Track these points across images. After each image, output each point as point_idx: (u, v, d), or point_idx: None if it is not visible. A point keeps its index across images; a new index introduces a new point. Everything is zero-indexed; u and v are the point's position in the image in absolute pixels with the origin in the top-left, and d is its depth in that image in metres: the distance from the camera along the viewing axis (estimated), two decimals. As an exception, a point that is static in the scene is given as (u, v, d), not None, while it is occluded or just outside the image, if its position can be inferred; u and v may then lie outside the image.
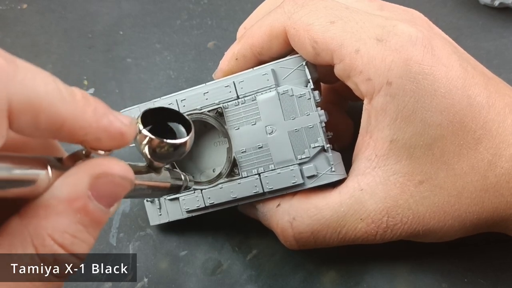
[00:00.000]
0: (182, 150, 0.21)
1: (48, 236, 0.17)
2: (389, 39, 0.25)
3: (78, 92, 0.17)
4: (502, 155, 0.25)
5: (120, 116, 0.18)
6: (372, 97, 0.26)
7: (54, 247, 0.17)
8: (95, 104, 0.18)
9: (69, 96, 0.17)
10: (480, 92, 0.25)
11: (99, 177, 0.17)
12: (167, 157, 0.21)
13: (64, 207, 0.17)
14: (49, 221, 0.17)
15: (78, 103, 0.17)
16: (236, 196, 0.29)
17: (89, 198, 0.17)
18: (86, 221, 0.17)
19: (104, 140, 0.18)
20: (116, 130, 0.18)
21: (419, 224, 0.26)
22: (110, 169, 0.18)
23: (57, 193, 0.17)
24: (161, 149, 0.20)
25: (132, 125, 0.19)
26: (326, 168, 0.28)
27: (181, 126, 0.22)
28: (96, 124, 0.17)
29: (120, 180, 0.18)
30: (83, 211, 0.17)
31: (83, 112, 0.17)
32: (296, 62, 0.28)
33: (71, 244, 0.17)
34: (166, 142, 0.20)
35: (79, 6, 0.44)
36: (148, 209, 0.32)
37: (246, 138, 0.29)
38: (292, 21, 0.27)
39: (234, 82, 0.29)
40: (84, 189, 0.17)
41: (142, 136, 0.20)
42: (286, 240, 0.29)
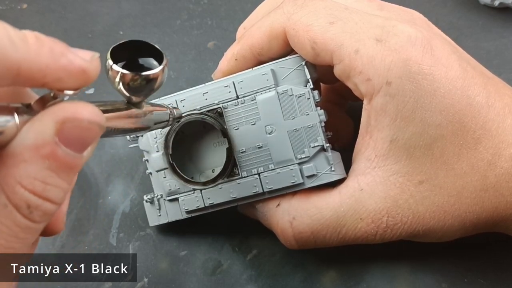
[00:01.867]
0: (155, 82, 0.21)
1: (18, 184, 0.17)
2: (388, 39, 0.25)
3: (31, 35, 0.17)
4: (502, 155, 0.25)
5: (80, 52, 0.18)
6: (371, 97, 0.26)
7: (24, 194, 0.17)
8: (51, 44, 0.17)
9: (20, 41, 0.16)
10: (479, 92, 0.25)
11: (64, 122, 0.17)
12: (142, 89, 0.20)
13: (31, 154, 0.17)
14: (17, 169, 0.17)
15: (31, 46, 0.16)
16: (236, 196, 0.29)
17: (56, 144, 0.17)
18: (56, 167, 0.17)
19: (66, 80, 0.17)
20: (77, 67, 0.17)
21: (419, 224, 0.26)
22: (76, 113, 0.17)
23: (24, 140, 0.17)
24: (134, 83, 0.20)
25: (94, 60, 0.18)
26: (326, 168, 0.28)
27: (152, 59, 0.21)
28: (54, 65, 0.17)
29: (88, 124, 0.18)
30: (51, 157, 0.17)
31: (37, 54, 0.16)
32: (296, 62, 0.28)
33: (43, 190, 0.17)
34: (139, 75, 0.20)
35: (79, 6, 0.44)
36: (148, 209, 0.32)
37: (245, 138, 0.29)
38: (292, 21, 0.27)
39: (234, 82, 0.29)
40: (50, 135, 0.17)
41: (114, 72, 0.20)
42: (286, 240, 0.29)
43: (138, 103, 0.22)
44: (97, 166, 0.37)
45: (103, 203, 0.35)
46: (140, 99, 0.22)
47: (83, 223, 0.35)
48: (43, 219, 0.18)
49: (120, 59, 0.20)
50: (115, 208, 0.35)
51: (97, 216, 0.35)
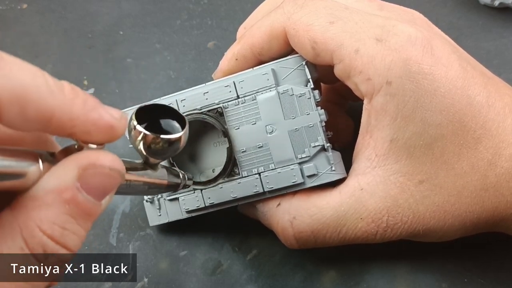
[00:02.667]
0: (176, 146, 0.21)
1: (37, 227, 0.17)
2: (388, 39, 0.25)
3: (67, 85, 0.17)
4: (502, 154, 0.25)
5: (110, 109, 0.18)
6: (372, 97, 0.26)
7: (43, 238, 0.17)
8: (84, 97, 0.18)
9: (57, 89, 0.17)
10: (479, 91, 0.25)
11: (87, 168, 0.17)
12: (162, 153, 0.21)
13: (52, 198, 0.17)
14: (37, 212, 0.17)
15: (66, 96, 0.17)
16: (236, 195, 0.29)
17: (77, 190, 0.17)
18: (75, 213, 0.17)
19: (93, 133, 0.18)
20: (106, 123, 0.18)
21: (419, 223, 0.26)
22: (98, 160, 0.18)
23: (46, 184, 0.17)
24: (155, 145, 0.21)
25: (122, 119, 0.19)
26: (326, 167, 0.28)
27: (175, 122, 0.22)
28: (84, 117, 0.17)
29: (109, 171, 0.18)
30: (72, 202, 0.17)
31: (71, 104, 0.17)
32: (296, 62, 0.28)
33: (61, 236, 0.17)
34: (161, 138, 0.20)
35: (79, 6, 0.44)
36: (148, 209, 0.32)
37: (246, 137, 0.29)
38: (292, 21, 0.27)
39: (234, 82, 0.29)
40: (72, 180, 0.17)
41: (136, 132, 0.20)
42: (286, 240, 0.29)
43: (154, 165, 0.23)
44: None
45: (103, 203, 0.35)
46: (157, 161, 0.22)
47: (83, 223, 0.35)
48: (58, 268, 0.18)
49: (143, 120, 0.21)
50: (115, 208, 0.35)
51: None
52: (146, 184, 0.23)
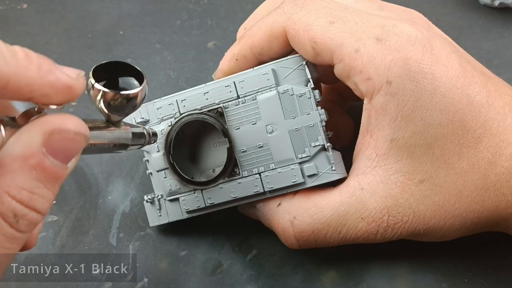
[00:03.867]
0: (135, 101, 0.21)
1: (5, 193, 0.17)
2: (388, 38, 0.25)
3: (20, 50, 0.17)
4: (502, 153, 0.25)
5: (66, 69, 0.18)
6: (372, 97, 0.26)
7: (12, 203, 0.17)
8: (39, 60, 0.17)
9: (10, 55, 0.17)
10: (479, 91, 0.25)
11: (52, 133, 0.17)
12: (122, 109, 0.21)
13: (19, 164, 0.17)
14: (4, 179, 0.17)
15: (20, 61, 0.17)
16: (237, 196, 0.29)
17: (44, 155, 0.17)
18: (43, 177, 0.18)
19: (52, 96, 0.18)
20: (63, 84, 0.18)
21: (419, 223, 0.26)
22: (63, 125, 0.18)
23: (11, 151, 0.17)
24: (115, 102, 0.21)
25: (80, 78, 0.19)
26: (327, 167, 0.28)
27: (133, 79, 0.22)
28: (41, 81, 0.17)
29: (74, 135, 0.18)
30: (39, 168, 0.17)
31: (26, 69, 0.17)
32: (296, 62, 0.28)
33: (30, 200, 0.17)
34: (120, 94, 0.20)
35: (79, 6, 0.44)
36: (148, 210, 0.32)
37: (246, 137, 0.29)
38: (292, 21, 0.27)
39: (235, 82, 0.29)
40: (38, 145, 0.17)
41: (96, 90, 0.20)
42: (286, 240, 0.29)
43: (116, 122, 0.23)
44: (97, 166, 0.37)
45: (103, 203, 0.35)
46: (119, 118, 0.23)
47: (83, 223, 0.35)
48: (28, 228, 0.18)
49: (101, 79, 0.21)
50: (115, 208, 0.35)
51: (97, 216, 0.35)
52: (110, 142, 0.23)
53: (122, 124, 0.24)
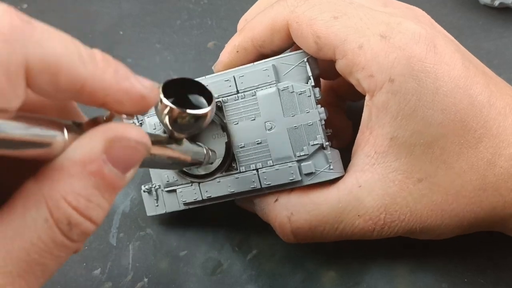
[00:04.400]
0: (202, 121, 0.21)
1: (62, 199, 0.16)
2: (393, 36, 0.25)
3: (99, 54, 0.17)
4: (502, 154, 0.25)
5: (141, 79, 0.18)
6: (373, 94, 0.26)
7: (68, 210, 0.17)
8: (116, 66, 0.17)
9: (88, 57, 0.16)
10: (481, 91, 0.25)
11: (114, 140, 0.17)
12: (187, 128, 0.21)
13: (78, 169, 0.17)
14: (63, 183, 0.16)
15: (98, 64, 0.17)
16: (234, 190, 0.29)
17: (104, 162, 0.17)
18: (101, 185, 0.17)
19: (125, 103, 0.18)
20: (137, 92, 0.18)
21: (416, 221, 0.26)
22: (125, 133, 0.17)
23: (72, 155, 0.17)
24: (182, 120, 0.20)
25: (154, 89, 0.18)
26: (324, 166, 0.28)
27: (202, 98, 0.22)
28: (116, 86, 0.17)
29: (136, 144, 0.18)
30: (98, 175, 0.17)
31: (103, 73, 0.17)
32: (297, 59, 0.28)
33: (86, 208, 0.17)
34: (187, 113, 0.20)
35: (79, 6, 0.44)
36: (145, 199, 0.32)
37: (245, 133, 0.29)
38: (295, 15, 0.27)
39: (234, 76, 0.28)
40: (98, 152, 0.17)
41: (163, 105, 0.20)
42: (284, 235, 0.29)
43: (179, 140, 0.23)
44: (97, 166, 0.37)
45: (103, 203, 0.35)
46: (182, 136, 0.22)
47: (83, 223, 0.35)
48: (81, 238, 0.18)
49: (171, 95, 0.20)
50: (115, 208, 0.35)
51: (97, 216, 0.35)
52: (170, 158, 0.22)
53: (183, 142, 0.23)
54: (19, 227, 0.16)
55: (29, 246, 0.16)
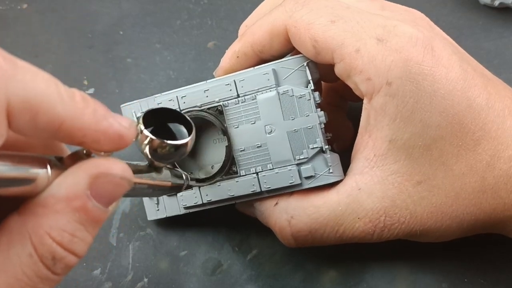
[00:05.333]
0: (183, 151, 0.21)
1: (46, 234, 0.17)
2: (389, 39, 0.25)
3: (78, 94, 0.17)
4: (501, 156, 0.25)
5: (119, 118, 0.18)
6: (371, 97, 0.26)
7: (52, 245, 0.17)
8: (94, 106, 0.18)
9: (68, 98, 0.17)
10: (480, 93, 0.25)
11: (98, 177, 0.18)
12: (168, 157, 0.21)
13: (63, 206, 0.17)
14: (47, 219, 0.17)
15: (77, 105, 0.17)
16: (234, 194, 0.29)
17: (88, 198, 0.17)
18: (85, 220, 0.17)
19: (103, 142, 0.18)
20: (115, 132, 0.18)
21: (416, 224, 0.26)
22: (109, 169, 0.18)
23: (56, 191, 0.17)
24: (162, 150, 0.21)
25: (132, 128, 0.19)
26: (324, 169, 0.28)
27: (182, 127, 0.22)
28: (94, 126, 0.17)
29: (119, 180, 0.18)
30: (82, 210, 0.17)
31: (82, 114, 0.17)
32: (297, 63, 0.28)
33: (70, 243, 0.17)
34: (167, 143, 0.21)
35: (79, 6, 0.44)
36: (146, 204, 0.32)
37: (245, 137, 0.29)
38: (293, 19, 0.27)
39: (235, 80, 0.29)
40: (83, 188, 0.17)
41: (143, 136, 0.20)
42: (284, 238, 0.29)
43: (159, 168, 0.23)
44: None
45: (103, 203, 0.35)
46: (162, 164, 0.23)
47: (83, 223, 0.35)
48: (64, 271, 0.18)
49: (150, 124, 0.21)
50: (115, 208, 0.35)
51: (97, 216, 0.35)
52: (150, 187, 0.23)
53: (163, 170, 0.24)
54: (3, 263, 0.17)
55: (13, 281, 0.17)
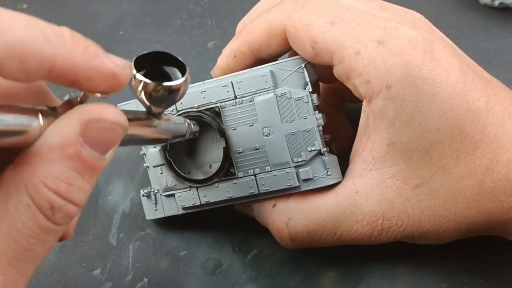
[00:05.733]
0: (177, 93, 0.21)
1: (42, 184, 0.16)
2: (389, 41, 0.25)
3: (67, 31, 0.17)
4: (500, 160, 0.25)
5: (113, 57, 0.18)
6: (371, 100, 0.26)
7: (49, 194, 0.17)
8: (86, 43, 0.17)
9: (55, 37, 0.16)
10: (479, 96, 0.25)
11: (89, 122, 0.17)
12: (163, 100, 0.21)
13: (56, 154, 0.17)
14: (41, 168, 0.16)
15: (66, 42, 0.16)
16: (232, 195, 0.29)
17: (81, 144, 0.17)
18: (80, 168, 0.17)
19: (96, 81, 0.17)
20: (108, 70, 0.17)
21: (414, 227, 0.26)
22: (100, 114, 0.17)
23: (48, 140, 0.17)
24: (156, 93, 0.20)
25: (126, 67, 0.18)
26: (322, 172, 0.28)
27: (176, 69, 0.21)
28: (86, 64, 0.17)
29: (112, 125, 0.18)
30: (76, 158, 0.17)
31: (72, 51, 0.16)
32: (295, 64, 0.28)
33: (67, 191, 0.17)
34: (162, 85, 0.20)
35: (79, 6, 0.44)
36: (144, 203, 0.32)
37: (242, 138, 0.29)
38: (292, 20, 0.27)
39: (232, 82, 0.28)
40: (75, 135, 0.17)
41: (137, 81, 0.20)
42: (282, 240, 0.29)
43: (158, 114, 0.22)
44: (97, 166, 0.37)
45: (103, 203, 0.35)
46: (160, 109, 0.22)
47: (83, 223, 0.35)
48: (65, 221, 0.18)
49: (143, 68, 0.20)
50: (115, 208, 0.35)
51: (97, 216, 0.35)
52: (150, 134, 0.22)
53: (163, 116, 0.23)
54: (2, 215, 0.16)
55: (15, 233, 0.16)
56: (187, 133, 0.26)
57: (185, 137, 0.26)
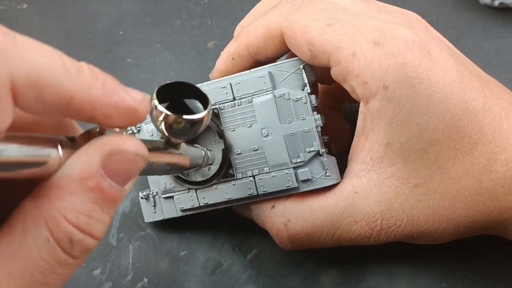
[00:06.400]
0: (199, 126, 0.21)
1: (62, 217, 0.16)
2: (386, 42, 0.25)
3: (86, 67, 0.17)
4: (497, 159, 0.25)
5: (131, 92, 0.18)
6: (368, 101, 0.26)
7: (68, 228, 0.16)
8: (104, 78, 0.17)
9: (75, 71, 0.16)
10: (476, 96, 0.25)
11: (111, 154, 0.17)
12: (184, 133, 0.21)
13: (77, 186, 0.16)
14: (61, 201, 0.16)
15: (85, 78, 0.16)
16: (231, 197, 0.29)
17: (102, 176, 0.17)
18: (100, 200, 0.17)
19: (114, 117, 0.17)
20: (127, 106, 0.17)
21: (413, 227, 0.26)
22: (122, 145, 0.17)
23: (69, 172, 0.16)
24: (177, 125, 0.20)
25: (145, 101, 0.18)
26: (321, 173, 0.28)
27: (198, 102, 0.21)
28: (104, 100, 0.17)
29: (133, 156, 0.17)
30: (97, 190, 0.17)
31: (90, 87, 0.16)
32: (293, 66, 0.28)
33: (86, 224, 0.17)
34: (183, 118, 0.20)
35: (79, 6, 0.44)
36: (143, 206, 0.32)
37: (241, 140, 0.29)
38: (289, 22, 0.27)
39: (231, 83, 0.28)
40: (96, 167, 0.16)
41: (158, 112, 0.20)
42: (280, 241, 0.29)
43: (177, 145, 0.22)
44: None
45: (103, 203, 0.35)
46: (179, 140, 0.22)
47: (83, 223, 0.35)
48: (83, 255, 0.17)
49: (165, 99, 0.20)
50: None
51: (97, 216, 0.35)
52: (168, 164, 0.22)
53: (181, 146, 0.23)
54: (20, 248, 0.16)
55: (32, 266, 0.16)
56: (204, 162, 0.26)
57: (201, 167, 0.26)
